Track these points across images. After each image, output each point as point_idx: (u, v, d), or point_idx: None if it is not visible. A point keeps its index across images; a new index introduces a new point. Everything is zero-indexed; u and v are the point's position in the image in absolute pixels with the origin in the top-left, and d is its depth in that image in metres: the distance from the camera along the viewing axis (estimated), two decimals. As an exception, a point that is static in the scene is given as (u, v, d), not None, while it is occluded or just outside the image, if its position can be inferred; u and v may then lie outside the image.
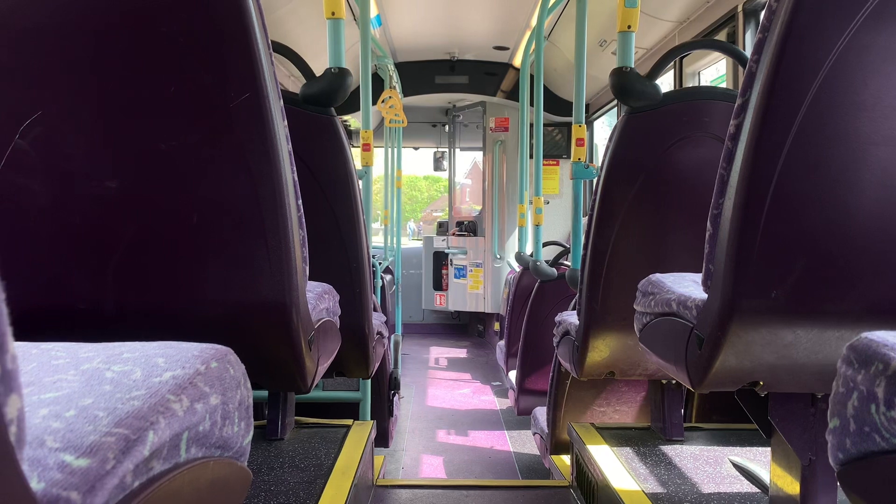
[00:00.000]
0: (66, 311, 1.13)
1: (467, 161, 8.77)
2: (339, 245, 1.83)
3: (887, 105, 1.03)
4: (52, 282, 1.13)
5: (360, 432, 2.08)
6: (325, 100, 1.78)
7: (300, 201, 1.21)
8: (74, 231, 1.11)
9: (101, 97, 1.07)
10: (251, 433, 0.78)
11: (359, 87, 3.12)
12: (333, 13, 2.07)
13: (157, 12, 1.03)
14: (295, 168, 1.18)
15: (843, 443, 0.76)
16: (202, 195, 1.11)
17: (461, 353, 7.11)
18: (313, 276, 1.55)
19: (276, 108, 1.10)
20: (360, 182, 2.52)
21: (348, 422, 2.19)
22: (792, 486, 1.40)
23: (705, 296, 1.23)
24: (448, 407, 4.97)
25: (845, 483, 0.78)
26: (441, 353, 7.10)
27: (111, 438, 0.52)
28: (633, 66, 1.97)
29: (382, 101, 4.77)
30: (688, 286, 1.40)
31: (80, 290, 1.13)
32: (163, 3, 1.03)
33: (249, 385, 0.78)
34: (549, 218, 6.91)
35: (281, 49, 1.96)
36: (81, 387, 0.61)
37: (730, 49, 2.32)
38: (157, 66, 1.06)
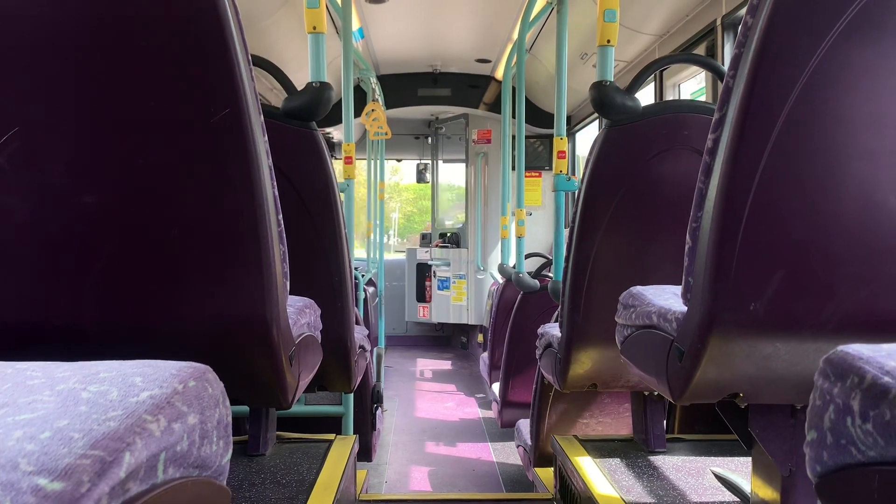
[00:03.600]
0: (44, 328, 1.12)
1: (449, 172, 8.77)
2: (321, 259, 1.82)
3: (862, 119, 1.05)
4: (30, 299, 1.12)
5: (343, 447, 2.07)
6: (306, 114, 1.78)
7: (280, 216, 1.20)
8: (52, 247, 1.10)
9: (80, 112, 1.06)
10: (230, 452, 0.77)
11: (341, 99, 3.12)
12: (315, 27, 2.08)
13: (135, 27, 1.03)
14: (275, 183, 1.18)
15: (820, 455, 0.77)
16: (181, 211, 1.10)
17: (445, 365, 7.09)
18: (295, 290, 1.54)
19: (257, 123, 1.10)
20: (343, 195, 2.52)
21: (330, 436, 2.17)
22: (773, 496, 1.41)
23: (685, 308, 1.24)
24: (432, 419, 4.96)
25: (823, 495, 0.78)
26: (425, 365, 7.08)
27: (86, 461, 0.51)
28: (612, 80, 1.99)
29: (366, 115, 4.78)
30: (668, 299, 1.41)
31: (58, 307, 1.12)
32: (141, 18, 1.03)
33: (228, 403, 0.78)
34: (532, 229, 6.93)
35: (262, 63, 1.96)
36: (57, 408, 0.60)
37: (707, 63, 2.35)
38: (136, 81, 1.06)
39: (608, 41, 2.11)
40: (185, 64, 1.05)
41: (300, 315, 1.42)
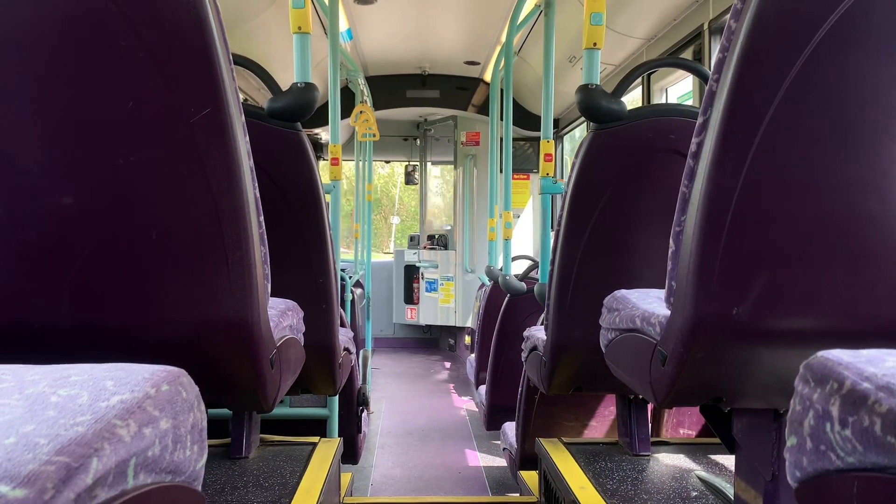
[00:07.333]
0: (20, 330, 1.10)
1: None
2: (305, 260, 1.81)
3: (844, 124, 1.05)
4: (5, 300, 1.10)
5: (327, 450, 2.06)
6: (290, 115, 1.77)
7: (262, 217, 1.19)
8: (28, 248, 1.08)
9: (57, 112, 1.05)
10: (205, 457, 0.76)
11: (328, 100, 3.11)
12: (300, 28, 2.06)
13: (113, 26, 1.02)
14: (257, 184, 1.17)
15: (800, 461, 0.76)
16: (161, 212, 1.09)
17: (432, 367, 7.09)
18: (280, 293, 1.52)
19: (238, 123, 1.09)
20: (329, 196, 2.50)
21: (315, 439, 2.16)
22: (756, 500, 1.41)
23: (668, 312, 1.24)
24: (419, 422, 4.95)
25: (803, 501, 0.78)
26: (412, 367, 7.07)
27: (51, 467, 0.50)
28: (598, 83, 1.99)
29: (355, 116, 4.77)
30: (652, 303, 1.41)
31: (34, 309, 1.10)
32: (120, 16, 1.01)
33: (203, 408, 0.76)
34: (521, 232, 6.94)
35: (246, 63, 1.95)
36: (24, 412, 0.59)
37: (692, 67, 2.35)
38: (115, 80, 1.04)
39: (594, 44, 2.10)
40: (165, 63, 1.03)
41: (282, 317, 1.41)
